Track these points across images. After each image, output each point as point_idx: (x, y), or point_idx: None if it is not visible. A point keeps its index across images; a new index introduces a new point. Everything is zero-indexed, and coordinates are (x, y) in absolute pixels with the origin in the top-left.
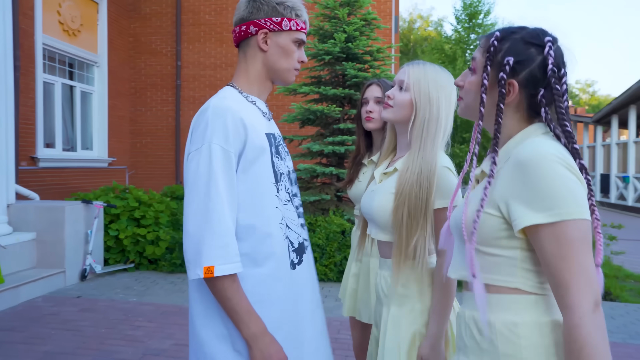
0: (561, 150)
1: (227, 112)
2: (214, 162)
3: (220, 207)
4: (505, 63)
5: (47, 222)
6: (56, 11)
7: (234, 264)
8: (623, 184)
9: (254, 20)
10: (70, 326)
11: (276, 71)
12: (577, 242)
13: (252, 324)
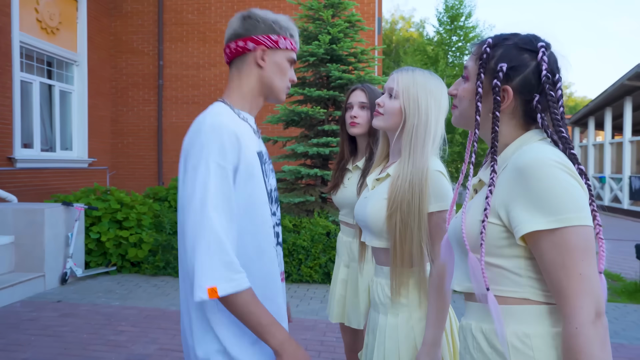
0: (561, 155)
1: (223, 129)
2: (212, 179)
3: (217, 225)
4: (499, 69)
5: (26, 225)
6: (34, 8)
7: (237, 281)
8: (600, 185)
9: (251, 37)
10: (51, 332)
11: (271, 88)
12: (578, 249)
13: (278, 333)
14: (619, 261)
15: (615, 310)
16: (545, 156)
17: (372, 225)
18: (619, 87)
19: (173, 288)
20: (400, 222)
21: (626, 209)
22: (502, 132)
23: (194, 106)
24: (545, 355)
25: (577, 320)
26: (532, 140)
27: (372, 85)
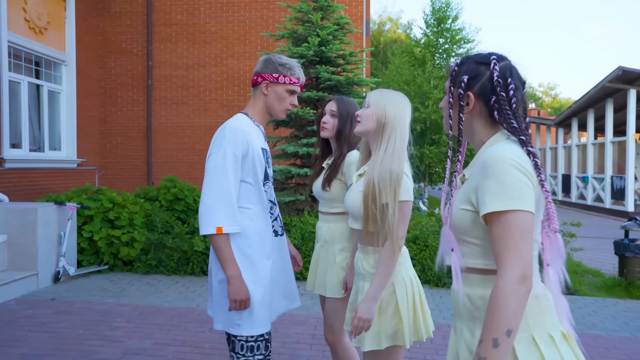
0: (518, 153)
1: (238, 131)
2: (228, 161)
3: (228, 189)
4: (462, 81)
5: (19, 224)
6: (22, 8)
7: (235, 227)
8: (583, 184)
9: (261, 74)
10: (47, 328)
11: (272, 108)
12: (516, 228)
13: (232, 268)
14: (599, 258)
15: (594, 303)
16: (503, 155)
17: (351, 211)
18: (600, 89)
19: (165, 286)
20: (371, 210)
21: (608, 208)
22: (477, 131)
23: (183, 106)
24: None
25: (505, 278)
26: (499, 140)
27: (347, 98)
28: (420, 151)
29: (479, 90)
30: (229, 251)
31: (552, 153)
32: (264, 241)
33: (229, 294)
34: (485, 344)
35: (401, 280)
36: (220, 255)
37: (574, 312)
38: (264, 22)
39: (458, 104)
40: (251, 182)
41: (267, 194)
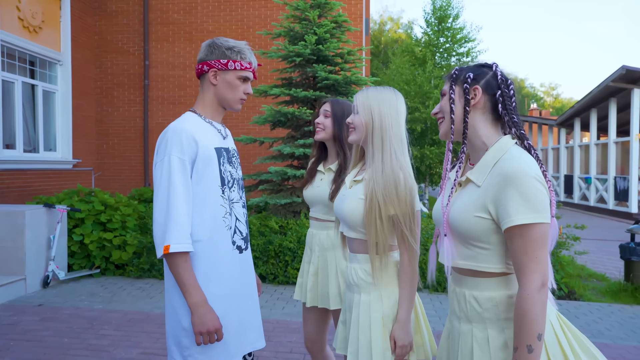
0: (535, 163)
1: (182, 132)
2: (173, 168)
3: (176, 201)
4: (467, 77)
5: (6, 227)
6: (15, 6)
7: (185, 245)
8: (585, 185)
9: (207, 61)
10: (31, 336)
11: (224, 100)
12: (538, 240)
13: (194, 295)
14: (603, 261)
15: (599, 310)
16: (526, 168)
17: (348, 220)
18: (604, 89)
19: (157, 291)
20: (374, 218)
21: (611, 209)
22: (479, 128)
23: (180, 106)
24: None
25: (529, 289)
26: (508, 146)
27: (343, 100)
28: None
29: (485, 84)
30: (188, 274)
31: (554, 153)
32: (221, 260)
33: (193, 326)
34: (521, 351)
35: None
36: (178, 280)
37: (578, 319)
38: (262, 21)
39: (463, 99)
40: (200, 190)
41: (226, 201)
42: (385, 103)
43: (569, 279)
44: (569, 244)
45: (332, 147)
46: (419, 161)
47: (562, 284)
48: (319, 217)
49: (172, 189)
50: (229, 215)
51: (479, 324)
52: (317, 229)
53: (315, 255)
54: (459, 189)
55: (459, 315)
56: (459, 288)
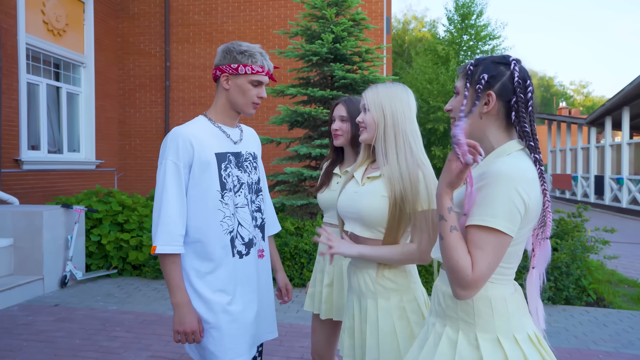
0: (525, 172)
1: (179, 136)
2: (167, 173)
3: (167, 205)
4: (481, 79)
5: (25, 228)
6: (40, 10)
7: (173, 247)
8: (617, 186)
9: (219, 66)
10: (44, 337)
11: (235, 104)
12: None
13: (177, 295)
14: (635, 266)
15: (630, 318)
16: (510, 172)
17: (367, 218)
18: (637, 86)
19: None
20: (399, 218)
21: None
22: (490, 134)
23: (201, 107)
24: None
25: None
26: (511, 150)
27: (356, 98)
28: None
29: (499, 89)
30: (174, 275)
31: (584, 153)
32: (216, 265)
33: (173, 324)
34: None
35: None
36: (165, 279)
37: (607, 327)
38: (281, 21)
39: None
40: (196, 194)
41: (225, 205)
42: (396, 99)
43: (597, 285)
44: (597, 248)
45: (350, 149)
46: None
47: (591, 289)
48: (334, 223)
49: (164, 192)
50: (229, 219)
51: (442, 319)
52: None
53: (329, 264)
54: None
55: (431, 307)
56: (437, 281)
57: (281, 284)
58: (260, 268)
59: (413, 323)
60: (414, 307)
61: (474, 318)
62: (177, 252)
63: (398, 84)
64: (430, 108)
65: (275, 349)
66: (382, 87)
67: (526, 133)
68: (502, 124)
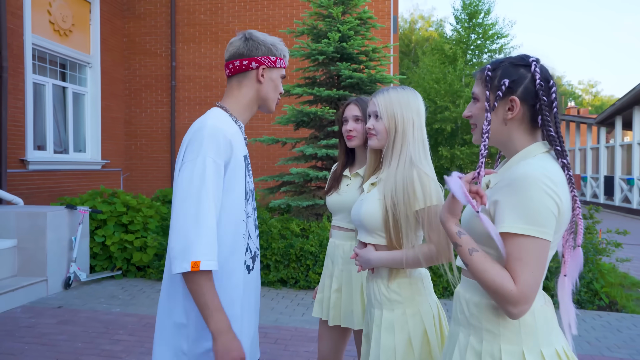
0: (552, 173)
1: (220, 132)
2: (207, 172)
3: (208, 211)
4: (502, 84)
5: (29, 229)
6: (46, 11)
7: (215, 262)
8: (627, 187)
9: (254, 57)
10: (46, 340)
11: (265, 100)
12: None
13: (219, 319)
14: None
15: None
16: (536, 174)
17: (366, 224)
18: None
19: None
20: (392, 220)
21: None
22: (514, 139)
23: (207, 107)
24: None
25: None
26: (536, 152)
27: (366, 98)
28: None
29: (523, 94)
30: (212, 295)
31: (593, 153)
32: (233, 283)
33: (216, 354)
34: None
35: (427, 307)
36: (200, 301)
37: (620, 333)
38: (287, 20)
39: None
40: (226, 202)
41: (246, 217)
42: (408, 107)
43: (609, 289)
44: (609, 251)
45: (362, 150)
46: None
47: (602, 293)
48: (343, 226)
49: (204, 195)
50: (247, 231)
51: (465, 329)
52: (340, 239)
53: (338, 269)
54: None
55: (453, 316)
56: (459, 287)
57: None
58: (259, 282)
59: (413, 338)
60: (416, 322)
61: (499, 329)
62: (216, 268)
63: (408, 89)
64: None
65: (280, 354)
66: (394, 94)
67: (552, 137)
68: (527, 127)
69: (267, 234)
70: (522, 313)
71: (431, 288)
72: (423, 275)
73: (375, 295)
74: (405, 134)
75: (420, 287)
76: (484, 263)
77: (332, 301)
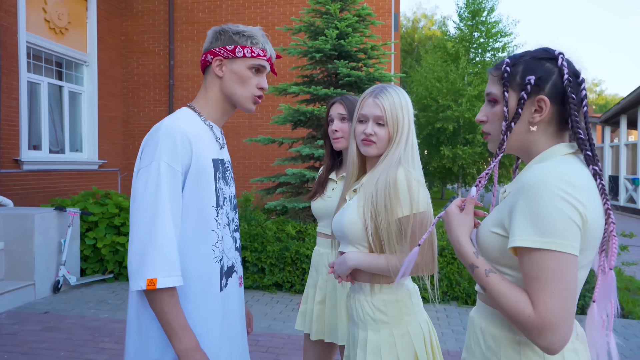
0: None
1: (176, 132)
2: (162, 179)
3: (164, 223)
4: (527, 82)
5: (16, 231)
6: (41, 8)
7: (175, 277)
8: (632, 187)
9: (211, 49)
10: (27, 349)
11: (232, 97)
12: (551, 271)
13: (185, 339)
14: None
15: None
16: (550, 176)
17: (348, 234)
18: None
19: None
20: (373, 228)
21: None
22: (538, 143)
23: None
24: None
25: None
26: (558, 154)
27: (353, 97)
28: (453, 151)
29: (551, 91)
30: (176, 313)
31: (597, 153)
32: (206, 299)
33: None
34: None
35: (417, 326)
36: (162, 320)
37: (628, 341)
38: (286, 18)
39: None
40: (189, 210)
41: (218, 226)
42: (407, 109)
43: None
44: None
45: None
46: (451, 161)
47: None
48: (329, 233)
49: (160, 205)
50: (220, 243)
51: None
52: (325, 248)
53: (322, 279)
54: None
55: (466, 344)
56: (473, 313)
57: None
58: (240, 298)
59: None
60: (405, 343)
61: None
62: (179, 284)
63: (400, 89)
64: (439, 107)
65: None
66: (395, 95)
67: (582, 140)
68: (554, 130)
69: (262, 236)
70: (555, 345)
71: (421, 305)
72: (411, 291)
73: (358, 314)
74: (402, 139)
75: (408, 304)
76: (499, 285)
77: (316, 314)
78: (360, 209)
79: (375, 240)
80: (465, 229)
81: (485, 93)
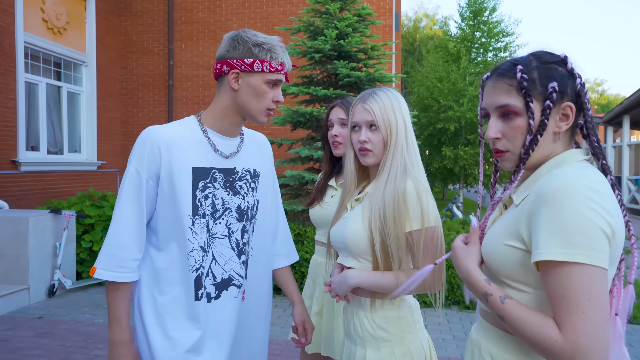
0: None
1: (148, 140)
2: (126, 183)
3: (120, 222)
4: (552, 90)
5: (10, 234)
6: (39, 8)
7: (114, 273)
8: (635, 187)
9: (227, 60)
10: (19, 355)
11: (245, 110)
12: (582, 286)
13: (115, 331)
14: None
15: None
16: (575, 182)
17: (351, 246)
18: None
19: None
20: (380, 242)
21: None
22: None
23: (205, 107)
24: None
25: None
26: (573, 159)
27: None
28: (454, 152)
29: (572, 97)
30: (115, 305)
31: None
32: (181, 309)
33: None
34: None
35: (419, 346)
36: (108, 309)
37: (633, 347)
38: (286, 18)
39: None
40: (165, 216)
41: (196, 235)
42: (400, 110)
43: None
44: None
45: None
46: (452, 162)
47: None
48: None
49: (118, 207)
50: (197, 252)
51: None
52: (323, 257)
53: (319, 290)
54: (504, 211)
55: None
56: (476, 334)
57: (297, 320)
58: (244, 314)
59: None
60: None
61: None
62: (118, 280)
63: (393, 90)
64: (440, 107)
65: None
66: (385, 97)
67: (597, 149)
68: (569, 138)
69: None
70: None
71: (422, 322)
72: (413, 308)
73: (356, 331)
74: (399, 142)
75: (410, 322)
76: (518, 310)
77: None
78: (366, 220)
79: (382, 255)
80: (473, 259)
81: (491, 106)
